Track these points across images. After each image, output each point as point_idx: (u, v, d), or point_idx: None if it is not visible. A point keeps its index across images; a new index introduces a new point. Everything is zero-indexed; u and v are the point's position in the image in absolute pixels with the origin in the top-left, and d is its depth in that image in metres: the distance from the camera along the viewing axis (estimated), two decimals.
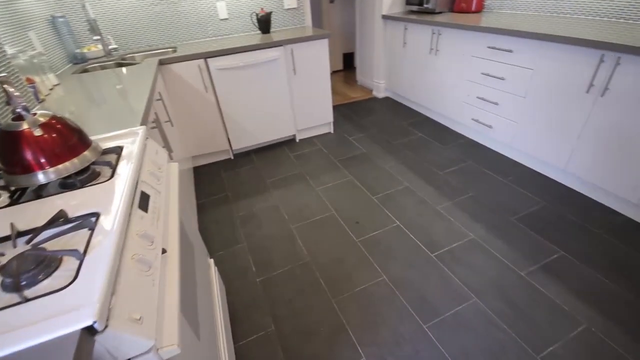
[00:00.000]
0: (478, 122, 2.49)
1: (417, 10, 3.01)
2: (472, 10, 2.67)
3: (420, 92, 3.06)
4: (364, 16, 3.60)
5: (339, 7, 4.47)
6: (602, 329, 1.28)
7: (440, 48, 2.64)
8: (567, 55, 1.75)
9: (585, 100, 1.73)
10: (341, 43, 4.78)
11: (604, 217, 1.80)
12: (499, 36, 2.10)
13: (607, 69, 1.59)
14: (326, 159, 2.63)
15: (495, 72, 2.21)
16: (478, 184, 2.15)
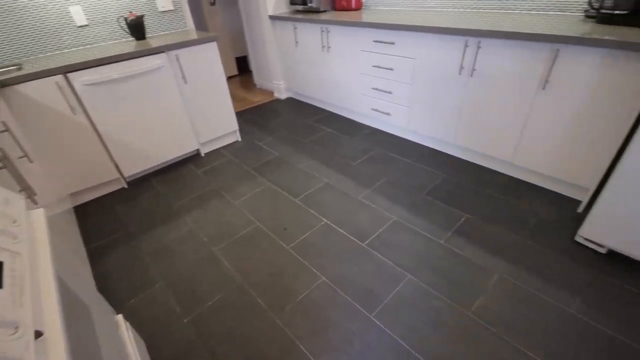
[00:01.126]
0: (377, 111, 2.66)
1: (302, 9, 3.06)
2: (352, 8, 2.83)
3: (320, 89, 3.13)
4: (250, 18, 3.50)
5: (221, 9, 4.27)
6: (513, 275, 1.48)
7: (331, 45, 2.73)
8: (440, 43, 1.98)
9: (459, 81, 1.99)
10: (232, 47, 4.58)
11: (492, 178, 2.10)
12: (381, 30, 2.26)
13: (471, 52, 1.85)
14: (239, 169, 2.46)
15: (384, 63, 2.38)
16: (389, 169, 2.29)
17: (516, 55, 1.69)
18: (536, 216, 1.78)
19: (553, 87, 1.63)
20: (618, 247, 1.44)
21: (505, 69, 1.76)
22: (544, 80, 1.64)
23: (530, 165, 1.91)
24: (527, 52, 1.64)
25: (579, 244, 1.59)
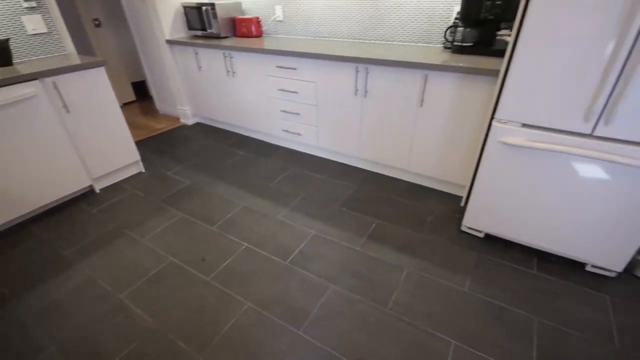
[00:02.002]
0: (288, 132, 2.77)
1: (202, 35, 3.03)
2: (253, 35, 2.92)
3: (230, 113, 3.11)
4: (144, 41, 3.31)
5: (110, 32, 3.93)
6: (418, 267, 1.68)
7: (236, 70, 2.75)
8: (335, 69, 2.19)
9: (355, 101, 2.23)
10: (127, 72, 4.22)
11: (394, 185, 2.37)
12: (283, 57, 2.39)
13: (362, 76, 2.10)
14: (145, 202, 2.25)
15: (288, 87, 2.51)
16: (305, 186, 2.39)
17: (398, 79, 1.98)
18: (432, 214, 2.06)
19: (428, 104, 1.95)
20: (491, 231, 1.77)
21: (391, 91, 2.04)
22: (421, 99, 1.95)
23: (423, 170, 2.22)
24: (406, 76, 1.94)
25: (464, 233, 1.90)
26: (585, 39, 1.17)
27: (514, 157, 1.50)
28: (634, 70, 1.13)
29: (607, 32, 1.13)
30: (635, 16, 1.06)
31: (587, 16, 1.14)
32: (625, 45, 1.11)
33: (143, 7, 3.02)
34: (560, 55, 1.24)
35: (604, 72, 1.19)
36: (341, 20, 2.60)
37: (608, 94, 1.21)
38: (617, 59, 1.14)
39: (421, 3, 2.21)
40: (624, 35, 1.10)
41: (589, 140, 1.32)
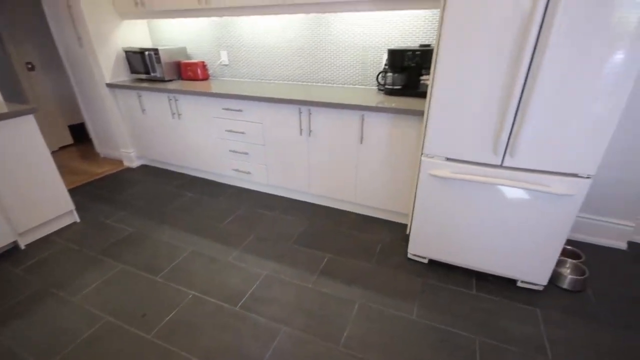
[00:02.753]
0: (238, 171, 2.77)
1: (146, 78, 3.01)
2: (199, 78, 2.97)
3: (177, 154, 3.04)
4: (82, 85, 3.20)
5: (45, 75, 3.74)
6: (369, 299, 1.71)
7: (181, 112, 2.75)
8: (280, 110, 2.29)
9: (301, 140, 2.32)
10: (64, 115, 4.00)
11: (344, 218, 2.44)
12: (229, 100, 2.45)
13: (306, 117, 2.21)
14: (79, 256, 2.07)
15: (236, 128, 2.55)
16: (256, 225, 2.37)
17: (338, 119, 2.12)
18: (380, 243, 2.15)
19: (367, 141, 2.10)
20: (434, 256, 1.89)
21: (333, 130, 2.17)
22: (360, 137, 2.10)
23: (369, 202, 2.33)
24: (345, 117, 2.09)
25: (410, 260, 2.00)
26: (484, 84, 1.38)
27: (443, 187, 1.66)
28: (526, 113, 1.34)
29: (501, 79, 1.35)
30: (520, 65, 1.27)
31: (484, 65, 1.35)
32: (515, 93, 1.32)
33: (81, 52, 2.95)
34: (467, 98, 1.43)
35: (502, 113, 1.40)
36: (284, 64, 2.75)
37: (509, 131, 1.41)
38: (511, 102, 1.35)
39: (355, 52, 2.43)
40: (514, 83, 1.31)
41: (500, 170, 1.50)
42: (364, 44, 2.39)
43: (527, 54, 1.23)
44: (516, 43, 1.26)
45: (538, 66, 1.24)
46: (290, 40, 2.63)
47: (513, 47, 1.27)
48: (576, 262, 1.84)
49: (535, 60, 1.25)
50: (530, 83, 1.29)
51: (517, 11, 1.22)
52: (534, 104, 1.32)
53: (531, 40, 1.21)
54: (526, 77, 1.30)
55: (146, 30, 3.24)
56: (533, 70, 1.27)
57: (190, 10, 2.56)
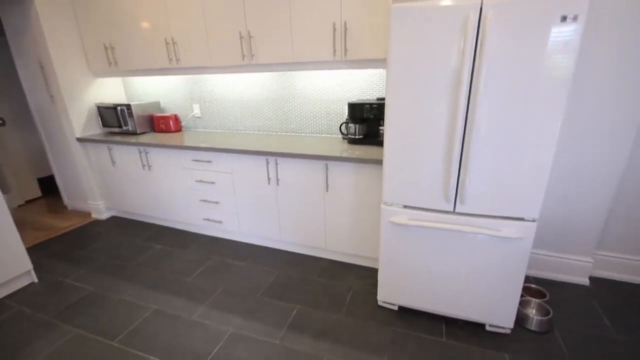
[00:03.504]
0: (209, 220, 2.74)
1: (119, 132, 3.05)
2: (172, 130, 3.04)
3: (147, 205, 3.01)
4: (52, 139, 3.20)
5: (15, 130, 3.74)
6: (338, 354, 1.65)
7: (152, 164, 2.77)
8: (248, 161, 2.35)
9: (270, 189, 2.36)
10: (32, 168, 3.93)
11: (315, 265, 2.42)
12: (198, 151, 2.50)
13: (273, 167, 2.28)
14: (32, 321, 1.93)
15: (206, 178, 2.58)
16: (225, 277, 2.31)
17: (304, 168, 2.18)
18: (350, 290, 2.12)
19: (332, 189, 2.16)
20: (403, 303, 1.87)
21: (300, 179, 2.23)
22: (326, 185, 2.16)
23: (339, 248, 2.34)
24: (310, 166, 2.16)
25: (380, 307, 1.97)
26: (429, 135, 1.49)
27: (403, 234, 1.70)
28: (468, 162, 1.44)
29: (442, 130, 1.46)
30: (457, 118, 1.39)
31: (426, 117, 1.47)
32: (455, 143, 1.43)
33: (52, 108, 2.99)
34: (415, 149, 1.53)
35: (447, 162, 1.49)
36: (254, 116, 2.87)
37: (456, 179, 1.50)
38: (454, 152, 1.45)
39: (320, 103, 2.58)
40: (454, 134, 1.42)
41: (453, 216, 1.57)
42: (328, 97, 2.55)
43: (461, 108, 1.35)
44: (451, 98, 1.39)
45: (472, 119, 1.36)
46: (260, 93, 2.77)
47: (449, 101, 1.40)
48: (540, 302, 1.87)
49: (470, 114, 1.37)
50: (469, 134, 1.40)
51: (448, 71, 1.36)
52: (474, 153, 1.42)
53: (462, 97, 1.34)
54: (464, 128, 1.41)
55: (120, 86, 3.34)
56: (469, 123, 1.39)
57: (162, 69, 2.68)
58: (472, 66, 1.31)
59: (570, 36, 1.17)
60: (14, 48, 2.94)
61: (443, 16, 1.29)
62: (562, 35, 1.18)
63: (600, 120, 1.81)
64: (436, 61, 1.36)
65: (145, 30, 2.60)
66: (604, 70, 1.73)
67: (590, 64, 1.75)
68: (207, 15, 2.34)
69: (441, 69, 1.36)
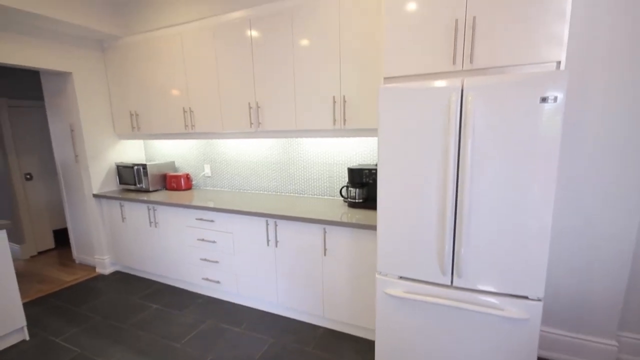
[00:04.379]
0: (208, 280, 2.70)
1: (134, 189, 3.21)
2: (182, 188, 3.17)
3: (151, 261, 3.02)
4: (71, 193, 3.38)
5: (40, 184, 4.01)
6: None
7: (159, 221, 2.84)
8: (249, 222, 2.38)
9: (269, 250, 2.35)
10: (50, 219, 4.11)
11: (309, 333, 2.28)
12: (202, 211, 2.58)
13: (272, 229, 2.29)
14: None
15: (207, 237, 2.61)
16: (217, 344, 2.19)
17: (302, 231, 2.19)
18: None
19: (330, 253, 2.12)
20: None
21: (298, 242, 2.22)
22: (324, 249, 2.13)
23: (337, 316, 2.21)
24: (309, 229, 2.16)
25: None
26: (421, 204, 1.49)
27: (400, 306, 1.61)
28: (462, 232, 1.41)
29: (434, 199, 1.46)
30: (447, 187, 1.40)
31: (416, 187, 1.48)
32: (447, 213, 1.42)
33: (76, 166, 3.22)
34: (408, 217, 1.52)
35: (441, 232, 1.46)
36: (260, 177, 2.98)
37: (451, 251, 1.46)
38: (446, 222, 1.43)
39: (322, 167, 2.67)
40: (445, 203, 1.42)
41: (451, 291, 1.49)
42: (329, 161, 2.64)
43: (450, 179, 1.37)
44: (439, 169, 1.41)
45: (462, 189, 1.36)
46: (266, 156, 2.92)
47: (438, 172, 1.42)
48: None
49: (460, 184, 1.38)
50: (460, 203, 1.39)
51: (435, 143, 1.40)
52: (467, 222, 1.40)
53: (451, 168, 1.36)
54: (455, 198, 1.41)
55: (142, 146, 3.60)
56: (460, 193, 1.39)
57: (179, 133, 2.90)
58: (458, 139, 1.36)
59: (552, 113, 1.22)
60: (49, 111, 3.28)
61: (426, 97, 1.38)
62: (545, 113, 1.23)
63: (605, 185, 1.77)
64: (423, 135, 1.42)
65: (167, 100, 2.88)
66: (608, 129, 1.74)
67: (587, 125, 1.76)
68: (222, 89, 2.59)
69: (428, 142, 1.42)
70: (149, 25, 2.84)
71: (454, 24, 1.46)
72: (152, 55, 2.89)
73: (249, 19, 2.39)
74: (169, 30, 2.75)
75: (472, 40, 1.43)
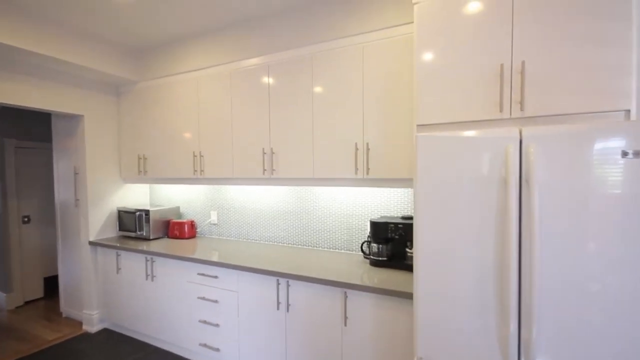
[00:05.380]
0: (206, 346, 2.35)
1: (133, 236, 2.98)
2: (185, 237, 2.93)
3: (143, 320, 2.68)
4: (67, 240, 3.15)
5: (37, 228, 3.81)
6: None
7: (156, 274, 2.56)
8: (257, 280, 2.10)
9: (279, 315, 2.03)
10: (41, 266, 3.85)
11: None
12: (205, 265, 2.31)
13: (284, 289, 2.00)
14: None
15: (209, 295, 2.31)
16: None
17: (319, 294, 1.89)
18: None
19: (352, 323, 1.80)
20: None
21: (313, 306, 1.91)
22: (344, 317, 1.82)
23: None
24: (326, 292, 1.87)
25: None
26: (472, 271, 1.22)
27: None
28: (532, 309, 1.12)
29: (489, 264, 1.19)
30: (508, 249, 1.14)
31: (465, 249, 1.23)
32: (511, 287, 1.15)
33: (75, 211, 3.03)
34: (457, 291, 1.25)
35: (502, 308, 1.18)
36: (270, 226, 2.75)
37: (516, 330, 1.16)
38: (510, 295, 1.15)
39: (339, 218, 2.44)
40: (506, 272, 1.15)
41: None
42: (348, 212, 2.41)
43: (512, 239, 1.12)
44: (495, 226, 1.17)
45: (531, 255, 1.10)
46: (277, 204, 2.70)
47: (492, 230, 1.18)
48: None
49: (524, 248, 1.13)
50: (528, 271, 1.13)
51: (490, 199, 1.18)
52: (538, 295, 1.12)
53: (513, 227, 1.12)
54: (519, 264, 1.15)
55: (147, 191, 3.44)
56: (527, 258, 1.13)
57: (187, 178, 2.74)
58: (519, 195, 1.13)
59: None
60: (55, 153, 3.18)
61: (476, 147, 1.19)
62: (631, 168, 1.01)
63: None
64: (471, 190, 1.21)
65: (177, 144, 2.77)
66: None
67: None
68: (235, 133, 2.47)
69: (479, 198, 1.20)
70: (167, 70, 2.83)
71: (499, 69, 1.32)
72: (166, 99, 2.83)
73: (267, 65, 2.33)
74: (186, 75, 2.72)
75: (522, 86, 1.28)
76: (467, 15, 1.39)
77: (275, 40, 2.30)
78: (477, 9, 1.37)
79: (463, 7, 1.40)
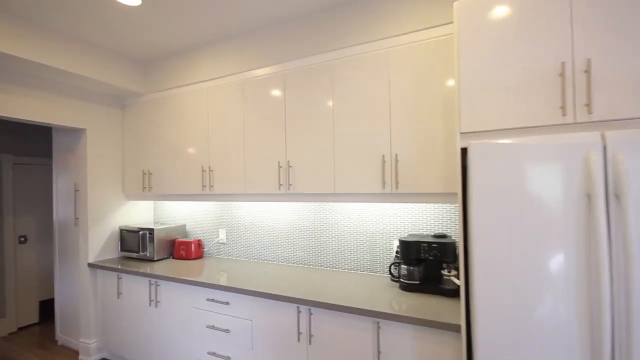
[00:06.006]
0: None
1: (136, 257, 2.77)
2: (191, 257, 2.72)
3: (144, 351, 2.44)
4: (65, 262, 2.94)
5: (33, 247, 3.60)
6: None
7: (160, 299, 2.35)
8: (274, 307, 1.89)
9: (300, 348, 1.81)
10: (37, 289, 3.62)
11: None
12: (216, 290, 2.10)
13: (305, 318, 1.79)
14: None
15: (219, 324, 2.08)
16: None
17: (346, 324, 1.68)
18: None
19: (387, 359, 1.58)
20: None
21: (340, 338, 1.69)
22: (377, 352, 1.60)
23: None
24: (355, 322, 1.66)
25: None
26: (547, 313, 1.02)
27: None
28: (632, 338, 0.92)
29: (571, 303, 1.00)
30: (600, 286, 0.95)
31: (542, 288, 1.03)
32: (605, 340, 0.95)
33: (74, 230, 2.84)
34: (529, 324, 1.05)
35: (590, 353, 0.98)
36: (284, 245, 2.54)
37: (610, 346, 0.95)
38: (603, 344, 0.95)
39: (362, 236, 2.25)
40: (602, 323, 0.96)
41: None
42: (371, 229, 2.22)
43: (604, 262, 0.93)
44: (575, 245, 0.98)
45: (629, 282, 0.91)
46: (292, 221, 2.51)
47: (571, 250, 0.99)
48: None
49: (616, 273, 0.94)
50: (622, 306, 0.93)
51: (567, 214, 0.99)
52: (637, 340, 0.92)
53: (604, 247, 0.93)
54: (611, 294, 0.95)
55: (151, 208, 3.26)
56: (619, 290, 0.94)
57: (195, 194, 2.57)
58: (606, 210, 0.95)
59: None
60: (55, 169, 3.01)
61: (545, 155, 1.02)
62: None
63: None
64: (540, 204, 1.03)
65: (184, 158, 2.60)
66: None
67: None
68: (248, 146, 2.30)
69: (552, 214, 1.01)
70: (174, 82, 2.69)
71: (559, 69, 1.16)
72: (173, 112, 2.68)
73: (282, 74, 2.19)
74: (195, 86, 2.58)
75: (589, 87, 1.11)
76: (514, 10, 1.24)
77: (291, 47, 2.17)
78: (526, 2, 1.23)
79: (510, 1, 1.25)
